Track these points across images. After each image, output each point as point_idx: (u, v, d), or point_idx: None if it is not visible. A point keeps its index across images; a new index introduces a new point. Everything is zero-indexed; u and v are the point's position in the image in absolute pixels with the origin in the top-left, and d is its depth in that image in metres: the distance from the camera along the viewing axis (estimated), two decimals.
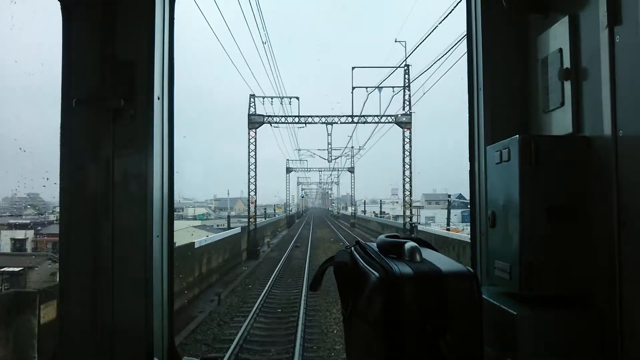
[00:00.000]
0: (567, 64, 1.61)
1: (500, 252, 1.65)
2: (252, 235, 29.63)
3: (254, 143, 30.92)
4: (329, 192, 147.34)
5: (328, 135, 33.82)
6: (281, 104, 31.75)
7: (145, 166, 1.70)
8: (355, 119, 30.47)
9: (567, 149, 1.55)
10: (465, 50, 1.98)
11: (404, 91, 28.49)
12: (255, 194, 31.73)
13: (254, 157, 31.12)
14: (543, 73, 1.76)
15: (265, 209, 68.65)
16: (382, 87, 28.39)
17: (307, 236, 41.84)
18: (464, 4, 1.98)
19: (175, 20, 1.85)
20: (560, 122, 1.65)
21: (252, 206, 31.84)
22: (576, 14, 1.58)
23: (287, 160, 72.60)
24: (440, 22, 20.38)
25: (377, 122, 30.26)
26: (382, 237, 1.25)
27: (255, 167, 31.09)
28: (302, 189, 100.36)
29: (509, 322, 1.47)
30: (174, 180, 1.85)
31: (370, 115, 30.42)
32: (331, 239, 39.11)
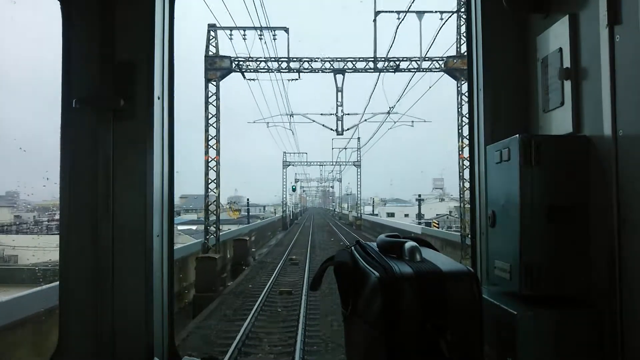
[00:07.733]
0: (567, 63, 1.61)
1: (500, 252, 1.65)
2: None
3: (215, 102, 18.60)
4: (330, 190, 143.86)
5: (337, 91, 20.90)
6: (260, 38, 19.00)
7: (145, 166, 1.70)
8: (380, 65, 19.19)
9: (567, 148, 1.55)
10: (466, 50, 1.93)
11: (458, 18, 15.38)
12: (218, 186, 19.04)
13: (215, 123, 18.60)
14: (543, 73, 1.75)
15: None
16: (423, 12, 17.39)
17: None
18: None
19: (175, 20, 1.85)
20: (560, 121, 1.65)
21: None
22: (576, 13, 1.58)
23: (284, 153, 61.95)
24: None
25: (417, 70, 18.86)
26: (382, 236, 1.24)
27: (218, 145, 18.79)
28: (297, 180, 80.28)
29: (509, 322, 1.47)
30: (174, 180, 1.85)
31: (403, 59, 19.01)
32: None
